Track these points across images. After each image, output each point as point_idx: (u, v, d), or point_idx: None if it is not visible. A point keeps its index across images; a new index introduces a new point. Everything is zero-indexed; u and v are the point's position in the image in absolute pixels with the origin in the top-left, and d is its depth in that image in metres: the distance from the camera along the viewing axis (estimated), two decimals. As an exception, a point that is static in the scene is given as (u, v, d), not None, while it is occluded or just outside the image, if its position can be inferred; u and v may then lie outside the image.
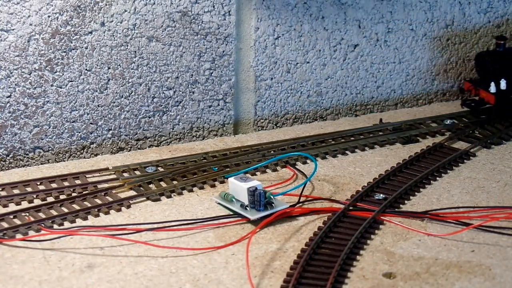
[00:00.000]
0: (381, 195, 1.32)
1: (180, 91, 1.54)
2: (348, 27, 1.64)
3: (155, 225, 1.24)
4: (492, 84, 1.58)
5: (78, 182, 1.37)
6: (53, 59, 1.43)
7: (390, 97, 1.73)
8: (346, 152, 1.49)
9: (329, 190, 1.36)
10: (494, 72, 1.59)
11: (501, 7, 1.77)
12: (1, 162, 1.44)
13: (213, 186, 1.37)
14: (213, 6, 1.52)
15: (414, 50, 1.72)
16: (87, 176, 1.39)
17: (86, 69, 1.46)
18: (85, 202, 1.30)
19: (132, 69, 1.49)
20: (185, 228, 1.24)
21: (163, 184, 1.37)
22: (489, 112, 1.60)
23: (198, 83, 1.55)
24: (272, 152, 1.47)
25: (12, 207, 1.29)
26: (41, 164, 1.46)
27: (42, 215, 1.26)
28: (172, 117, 1.54)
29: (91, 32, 1.44)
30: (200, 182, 1.37)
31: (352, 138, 1.53)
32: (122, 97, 1.50)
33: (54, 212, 1.27)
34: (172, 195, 1.34)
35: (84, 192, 1.33)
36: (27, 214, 1.26)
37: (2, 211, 1.27)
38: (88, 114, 1.48)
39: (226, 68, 1.56)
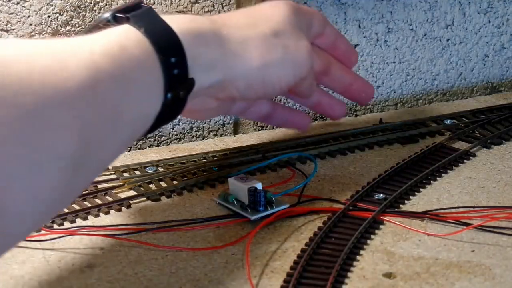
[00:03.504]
0: (381, 195, 1.32)
1: (180, 91, 1.53)
2: (348, 27, 1.64)
3: (155, 225, 1.24)
4: None
5: (78, 182, 1.37)
6: (53, 59, 1.43)
7: (390, 97, 1.73)
8: (346, 152, 1.49)
9: (329, 190, 1.36)
10: None
11: (501, 7, 1.77)
12: (1, 162, 1.44)
13: (213, 186, 1.37)
14: (213, 6, 1.52)
15: (414, 50, 1.72)
16: (87, 176, 1.38)
17: (86, 69, 1.45)
18: (85, 202, 1.30)
19: (132, 69, 1.49)
20: (185, 228, 1.24)
21: (163, 184, 1.37)
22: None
23: (198, 83, 1.54)
24: (272, 152, 1.47)
25: (12, 207, 1.29)
26: (41, 164, 1.45)
27: (42, 215, 1.26)
28: (172, 117, 1.54)
29: (91, 32, 1.44)
30: (200, 182, 1.37)
31: (352, 138, 1.53)
32: (122, 97, 1.49)
33: (54, 212, 1.27)
34: (172, 195, 1.34)
35: (84, 192, 1.33)
36: (27, 214, 1.26)
37: (2, 211, 1.27)
38: (88, 114, 1.48)
39: (226, 68, 1.56)
